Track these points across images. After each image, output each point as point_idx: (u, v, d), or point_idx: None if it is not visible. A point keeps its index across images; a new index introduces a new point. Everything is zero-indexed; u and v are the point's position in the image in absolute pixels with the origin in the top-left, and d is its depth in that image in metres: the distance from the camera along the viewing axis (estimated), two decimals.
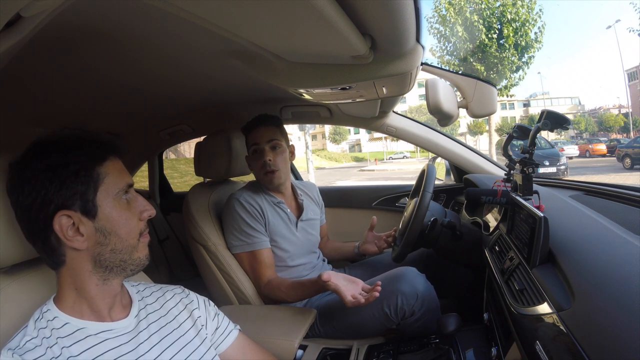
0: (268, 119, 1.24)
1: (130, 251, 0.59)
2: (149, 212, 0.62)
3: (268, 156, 1.20)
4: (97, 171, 0.56)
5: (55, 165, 0.54)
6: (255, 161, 1.24)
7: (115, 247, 0.58)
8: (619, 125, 30.00)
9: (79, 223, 0.55)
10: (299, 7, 0.49)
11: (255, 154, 1.24)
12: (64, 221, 0.54)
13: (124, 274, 0.61)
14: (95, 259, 0.57)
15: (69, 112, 1.27)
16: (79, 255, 0.56)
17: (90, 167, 0.56)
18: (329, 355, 1.09)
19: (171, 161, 11.01)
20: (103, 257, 0.57)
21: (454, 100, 1.27)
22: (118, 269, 0.59)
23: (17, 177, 0.55)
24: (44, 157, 0.54)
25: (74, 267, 0.57)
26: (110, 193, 0.57)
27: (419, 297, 1.04)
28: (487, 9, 10.56)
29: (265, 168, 1.21)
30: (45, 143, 0.56)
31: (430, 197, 1.09)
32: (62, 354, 0.53)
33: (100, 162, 0.57)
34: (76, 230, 0.55)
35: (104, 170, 0.57)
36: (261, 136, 1.21)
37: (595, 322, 0.46)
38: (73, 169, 0.54)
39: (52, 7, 0.46)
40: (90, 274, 0.58)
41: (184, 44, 0.78)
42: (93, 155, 0.57)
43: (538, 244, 0.66)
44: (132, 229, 0.59)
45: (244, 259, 1.20)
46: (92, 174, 0.56)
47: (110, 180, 0.58)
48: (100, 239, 0.56)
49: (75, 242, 0.55)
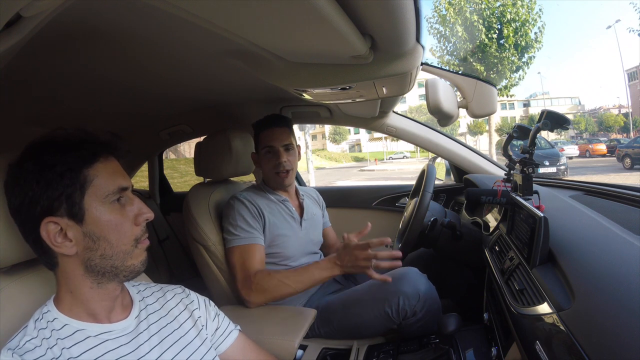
0: (282, 120, 1.26)
1: (122, 258, 0.57)
2: (146, 215, 0.59)
3: (283, 158, 1.23)
4: (84, 173, 0.54)
5: (43, 166, 0.53)
6: (268, 161, 1.25)
7: (105, 252, 0.55)
8: (619, 125, 30.02)
9: (67, 228, 0.54)
10: (299, 7, 0.49)
11: (269, 154, 1.25)
12: (51, 228, 0.53)
13: (117, 280, 0.59)
14: (86, 263, 0.55)
15: (69, 112, 1.27)
16: (70, 260, 0.55)
17: (77, 169, 0.54)
18: (329, 355, 1.09)
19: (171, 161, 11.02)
20: (93, 262, 0.55)
21: (454, 100, 1.27)
22: (110, 275, 0.57)
23: (10, 178, 0.54)
24: (34, 158, 0.54)
25: (67, 270, 0.56)
26: (98, 196, 0.55)
27: (420, 298, 1.04)
28: (487, 9, 10.56)
29: (280, 168, 1.23)
30: (40, 144, 0.55)
31: (430, 197, 1.09)
32: (62, 355, 0.52)
33: (88, 164, 0.55)
34: (64, 235, 0.54)
35: (93, 172, 0.55)
36: (276, 138, 1.23)
37: (595, 322, 0.46)
38: (59, 170, 0.53)
39: (52, 7, 0.46)
40: (83, 277, 0.56)
41: (184, 43, 0.78)
42: (81, 157, 0.55)
43: (538, 244, 0.66)
44: (125, 234, 0.57)
45: (235, 252, 1.15)
46: (79, 176, 0.54)
47: (99, 182, 0.55)
48: (89, 244, 0.55)
49: (64, 248, 0.54)
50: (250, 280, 1.11)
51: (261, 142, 1.26)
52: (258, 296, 1.11)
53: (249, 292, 1.11)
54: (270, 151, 1.24)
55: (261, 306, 1.13)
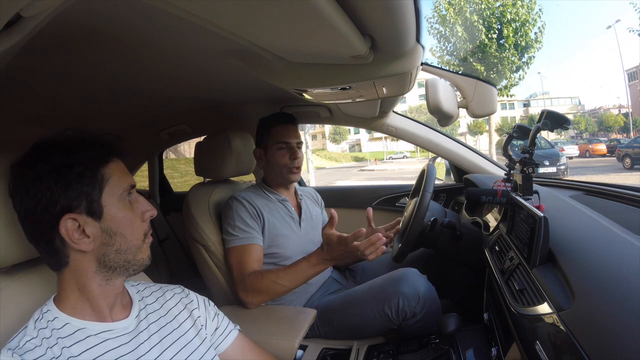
0: (294, 119, 1.30)
1: (134, 252, 0.60)
2: (151, 212, 0.63)
3: (299, 154, 1.27)
4: (101, 172, 0.57)
5: (60, 166, 0.54)
6: (282, 156, 1.25)
7: (120, 247, 0.58)
8: (619, 125, 30.02)
9: (85, 224, 0.55)
10: (299, 7, 0.49)
11: (282, 150, 1.26)
12: (70, 224, 0.54)
13: (126, 274, 0.61)
14: (100, 259, 0.58)
15: (69, 111, 1.27)
16: (84, 257, 0.57)
17: (95, 168, 0.57)
18: (329, 355, 1.09)
19: (171, 161, 11.03)
20: (108, 257, 0.58)
21: (454, 100, 1.27)
22: (121, 269, 0.60)
23: (21, 179, 0.55)
24: (49, 159, 0.54)
25: (78, 267, 0.57)
26: (114, 194, 0.58)
27: (420, 299, 1.03)
28: (487, 9, 10.56)
29: (294, 164, 1.25)
30: (49, 144, 0.56)
31: (430, 197, 1.09)
32: (63, 354, 0.53)
33: (104, 163, 0.58)
34: (82, 232, 0.55)
35: (108, 171, 0.58)
36: (292, 135, 1.27)
37: (595, 322, 0.46)
38: (78, 170, 0.55)
39: (52, 7, 0.46)
40: (94, 274, 0.58)
41: (184, 43, 0.78)
42: (97, 156, 0.58)
43: (538, 244, 0.66)
44: (137, 229, 0.60)
45: (233, 252, 1.16)
46: (97, 175, 0.56)
47: (114, 181, 0.58)
48: (106, 239, 0.57)
49: (82, 245, 0.55)
50: (245, 281, 1.11)
51: (274, 137, 1.26)
52: (254, 297, 1.11)
53: (245, 294, 1.11)
54: (286, 147, 1.26)
55: (261, 306, 1.13)
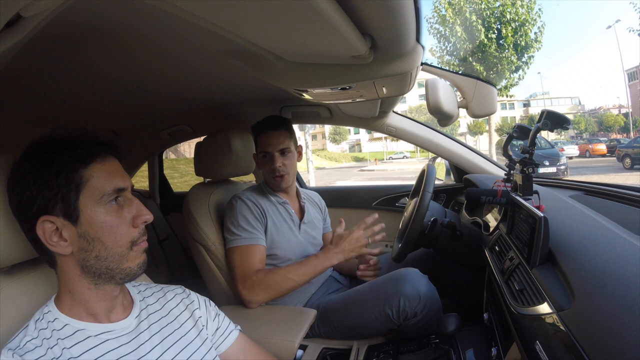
0: (279, 123, 1.24)
1: (117, 260, 0.56)
2: (144, 217, 0.59)
3: (278, 162, 1.22)
4: (80, 174, 0.54)
5: (40, 165, 0.53)
6: (265, 164, 1.25)
7: (99, 254, 0.55)
8: (619, 125, 30.03)
9: (62, 227, 0.54)
10: (299, 7, 0.49)
11: (265, 158, 1.24)
12: (47, 226, 0.53)
13: (113, 281, 0.58)
14: (82, 264, 0.55)
15: (69, 111, 1.27)
16: (67, 259, 0.56)
17: (73, 169, 0.54)
18: (329, 355, 1.09)
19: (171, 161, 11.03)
20: (88, 263, 0.55)
21: (454, 100, 1.27)
22: (106, 276, 0.57)
23: (10, 177, 0.55)
24: (32, 158, 0.54)
25: (64, 269, 0.56)
26: (94, 197, 0.55)
27: (421, 299, 1.03)
28: (487, 9, 10.57)
29: (275, 173, 1.22)
30: (37, 144, 0.55)
31: (430, 197, 1.09)
32: (63, 355, 0.53)
33: (84, 165, 0.55)
34: (59, 235, 0.54)
35: (89, 173, 0.55)
36: (271, 143, 1.22)
37: (595, 322, 0.46)
38: (55, 170, 0.53)
39: (52, 7, 0.46)
40: (80, 277, 0.56)
41: (184, 43, 0.78)
42: (77, 157, 0.54)
43: (538, 244, 0.66)
44: (120, 236, 0.56)
45: (236, 252, 1.14)
46: (74, 176, 0.54)
47: (95, 183, 0.55)
48: (83, 245, 0.54)
49: (59, 248, 0.54)
50: (251, 279, 1.10)
51: (258, 145, 1.26)
52: (260, 294, 1.10)
53: (250, 291, 1.10)
54: (266, 156, 1.24)
55: (261, 306, 1.13)
